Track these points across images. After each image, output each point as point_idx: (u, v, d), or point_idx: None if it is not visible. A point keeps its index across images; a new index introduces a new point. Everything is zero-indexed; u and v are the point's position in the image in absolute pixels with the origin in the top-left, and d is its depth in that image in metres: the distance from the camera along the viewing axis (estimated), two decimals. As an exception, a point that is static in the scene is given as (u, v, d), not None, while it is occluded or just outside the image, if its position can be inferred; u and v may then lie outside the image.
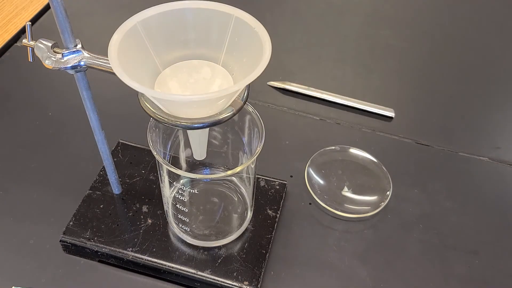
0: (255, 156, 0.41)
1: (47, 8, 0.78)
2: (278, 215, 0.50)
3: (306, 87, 0.66)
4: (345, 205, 0.53)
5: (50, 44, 0.38)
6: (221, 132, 0.47)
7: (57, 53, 0.37)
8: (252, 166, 0.45)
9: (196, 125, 0.35)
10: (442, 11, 0.84)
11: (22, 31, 0.73)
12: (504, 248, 0.51)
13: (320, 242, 0.50)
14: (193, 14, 0.36)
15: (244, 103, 0.36)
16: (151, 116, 0.35)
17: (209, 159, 0.50)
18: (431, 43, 0.77)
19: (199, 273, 0.45)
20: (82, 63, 0.38)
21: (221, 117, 0.35)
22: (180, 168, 0.49)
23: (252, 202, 0.49)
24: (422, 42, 0.77)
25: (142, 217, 0.49)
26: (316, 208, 0.53)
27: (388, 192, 0.54)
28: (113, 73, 0.32)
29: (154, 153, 0.40)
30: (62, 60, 0.37)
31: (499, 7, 0.85)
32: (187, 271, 0.45)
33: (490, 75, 0.72)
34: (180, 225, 0.46)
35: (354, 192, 0.54)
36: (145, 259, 0.46)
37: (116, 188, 0.50)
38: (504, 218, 0.54)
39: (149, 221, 0.48)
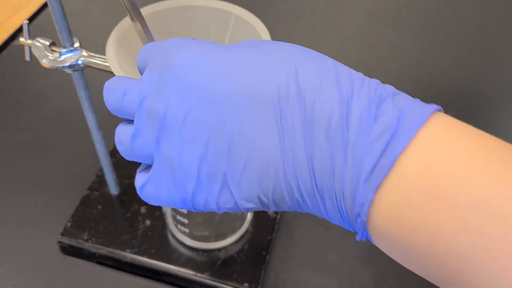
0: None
1: (44, 6, 0.77)
2: (278, 216, 0.50)
3: None
4: (346, 205, 0.53)
5: (47, 43, 0.38)
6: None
7: (55, 51, 0.37)
8: (252, 166, 0.44)
9: (196, 125, 0.34)
10: (444, 10, 0.84)
11: (20, 30, 0.73)
12: (506, 249, 0.51)
13: (321, 243, 0.50)
14: (193, 12, 0.36)
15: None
16: (150, 116, 0.35)
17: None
18: (432, 42, 0.77)
19: (198, 275, 0.45)
20: (79, 62, 0.37)
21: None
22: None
23: (252, 203, 0.48)
24: (423, 41, 0.77)
25: (140, 218, 0.48)
26: (316, 209, 0.53)
27: (389, 193, 0.54)
28: (111, 72, 0.32)
29: (153, 154, 0.40)
30: (60, 59, 0.37)
31: (501, 6, 0.85)
32: (186, 273, 0.45)
33: (490, 74, 0.72)
34: (179, 226, 0.46)
35: (355, 193, 0.54)
36: (144, 261, 0.45)
37: (114, 189, 0.50)
38: (506, 219, 0.53)
39: (148, 222, 0.48)
